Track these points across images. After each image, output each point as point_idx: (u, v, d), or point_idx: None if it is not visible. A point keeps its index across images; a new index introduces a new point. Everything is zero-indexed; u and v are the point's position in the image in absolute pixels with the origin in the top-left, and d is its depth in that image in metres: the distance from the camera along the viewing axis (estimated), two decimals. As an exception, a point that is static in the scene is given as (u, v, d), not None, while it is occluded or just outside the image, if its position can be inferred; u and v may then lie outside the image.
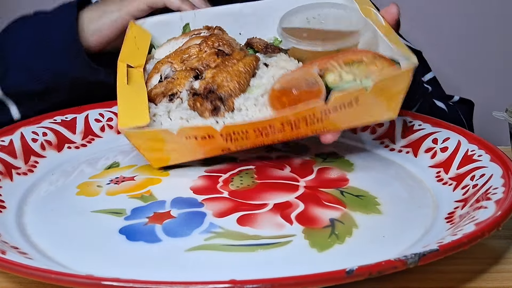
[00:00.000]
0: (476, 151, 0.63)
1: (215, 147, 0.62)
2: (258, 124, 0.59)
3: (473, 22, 1.34)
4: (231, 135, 0.60)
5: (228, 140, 0.60)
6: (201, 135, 0.60)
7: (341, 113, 0.60)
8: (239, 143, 0.61)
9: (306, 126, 0.60)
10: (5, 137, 0.67)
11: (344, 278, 0.41)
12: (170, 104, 0.64)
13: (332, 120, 0.61)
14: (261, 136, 0.60)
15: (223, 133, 0.59)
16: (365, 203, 0.59)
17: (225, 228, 0.53)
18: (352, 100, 0.58)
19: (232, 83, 0.62)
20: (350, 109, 0.59)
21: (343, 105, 0.59)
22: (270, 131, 0.60)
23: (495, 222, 0.48)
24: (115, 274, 0.42)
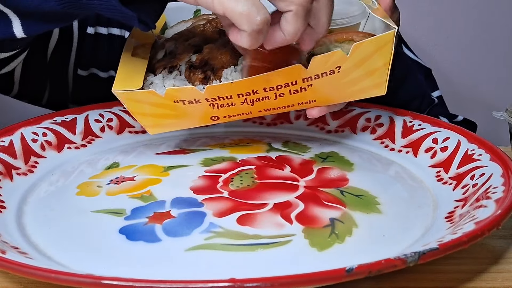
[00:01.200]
0: (476, 151, 0.63)
1: (204, 114, 0.62)
2: (241, 85, 0.59)
3: (473, 22, 1.34)
4: (217, 100, 0.60)
5: (215, 106, 0.61)
6: (188, 98, 0.60)
7: (324, 82, 0.59)
8: (226, 111, 0.62)
9: (290, 96, 0.60)
10: (5, 138, 0.67)
11: (343, 277, 0.41)
12: (168, 75, 0.66)
13: (316, 90, 0.60)
14: (246, 103, 0.60)
15: (208, 97, 0.60)
16: (365, 203, 0.59)
17: (225, 228, 0.53)
18: (333, 67, 0.58)
19: (225, 57, 0.64)
20: (333, 78, 0.59)
21: (324, 73, 0.58)
22: (254, 98, 0.60)
23: (495, 221, 0.48)
24: (115, 274, 0.42)
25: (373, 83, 0.61)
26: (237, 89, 0.59)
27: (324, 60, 0.58)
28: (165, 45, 0.71)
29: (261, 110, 0.63)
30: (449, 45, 1.34)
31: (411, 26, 1.32)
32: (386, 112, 0.76)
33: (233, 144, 0.75)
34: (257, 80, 0.59)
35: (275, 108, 0.63)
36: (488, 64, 1.36)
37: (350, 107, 0.78)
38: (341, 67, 0.58)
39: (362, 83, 0.61)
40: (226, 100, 0.60)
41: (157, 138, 0.77)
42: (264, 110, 0.63)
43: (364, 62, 0.59)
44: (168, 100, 0.61)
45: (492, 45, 1.35)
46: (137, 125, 0.78)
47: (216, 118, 0.64)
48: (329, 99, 0.63)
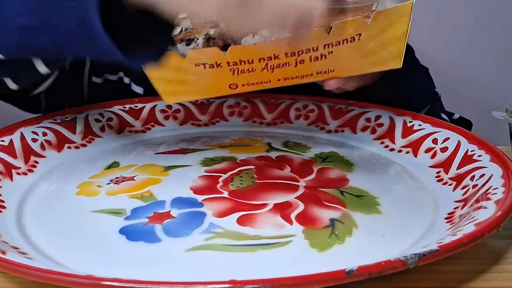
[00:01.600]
0: (476, 151, 0.63)
1: (223, 81, 0.62)
2: (263, 49, 0.59)
3: (473, 22, 1.34)
4: (238, 65, 0.60)
5: (235, 72, 0.61)
6: (209, 62, 0.60)
7: (344, 50, 0.60)
8: (245, 77, 0.62)
9: (310, 63, 0.61)
10: (5, 137, 0.67)
11: (344, 278, 0.41)
12: (186, 47, 0.67)
13: (336, 58, 0.61)
14: (266, 69, 0.61)
15: (230, 60, 0.60)
16: (365, 203, 0.59)
17: (225, 228, 0.53)
18: (354, 34, 0.59)
19: None
20: (353, 45, 0.60)
21: (345, 40, 0.60)
22: (275, 64, 0.60)
23: (495, 222, 0.48)
24: (115, 274, 0.42)
25: (390, 55, 0.63)
26: (260, 52, 0.60)
27: (346, 26, 0.59)
28: (181, 22, 0.70)
29: (280, 78, 0.63)
30: (449, 45, 1.34)
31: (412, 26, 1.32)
32: (386, 112, 0.76)
33: (233, 144, 0.75)
34: (280, 44, 0.59)
35: (293, 77, 0.63)
36: (488, 64, 1.36)
37: (350, 107, 0.78)
38: (361, 35, 0.60)
39: (379, 54, 0.62)
40: (247, 64, 0.60)
41: (157, 137, 0.77)
42: (284, 78, 0.63)
43: (383, 31, 0.60)
44: (189, 63, 0.60)
45: (492, 45, 1.35)
46: (137, 125, 0.78)
47: (235, 87, 0.63)
48: (348, 69, 0.64)
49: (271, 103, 0.82)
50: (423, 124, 0.72)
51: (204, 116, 0.81)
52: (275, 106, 0.82)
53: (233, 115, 0.82)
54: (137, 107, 0.80)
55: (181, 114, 0.80)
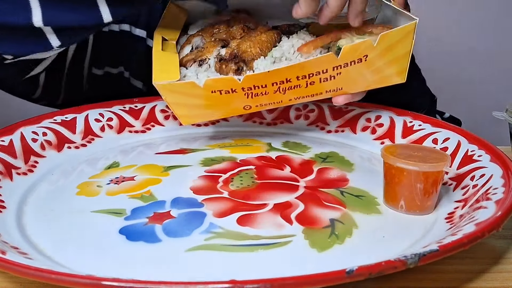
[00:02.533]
0: (476, 151, 0.63)
1: (238, 103, 0.66)
2: (276, 74, 0.63)
3: (473, 22, 1.34)
4: (252, 89, 0.64)
5: (249, 95, 0.64)
6: (225, 88, 0.64)
7: (352, 70, 0.64)
8: (259, 100, 0.65)
9: (320, 84, 0.65)
10: (5, 137, 0.67)
11: (344, 278, 0.41)
12: (199, 68, 0.70)
13: (344, 78, 0.65)
14: (279, 91, 0.65)
15: (244, 86, 0.63)
16: (365, 203, 0.59)
17: (225, 228, 0.53)
18: (362, 56, 0.63)
19: (255, 49, 0.68)
20: (360, 65, 0.64)
21: (353, 61, 0.63)
22: (287, 86, 0.64)
23: (495, 223, 0.48)
24: (115, 274, 0.42)
25: (395, 71, 0.66)
26: (273, 77, 0.63)
27: (354, 48, 0.62)
28: (191, 41, 0.74)
29: (292, 98, 0.67)
30: (449, 45, 1.34)
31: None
32: (386, 112, 0.76)
33: (233, 144, 0.75)
34: (292, 69, 0.63)
35: (304, 96, 0.67)
36: (488, 64, 1.36)
37: (350, 107, 0.78)
38: (368, 56, 0.63)
39: (385, 72, 0.66)
40: (260, 89, 0.64)
41: (157, 137, 0.77)
42: (294, 98, 0.67)
43: (388, 51, 0.64)
44: (206, 90, 0.64)
45: (492, 45, 1.35)
46: (137, 125, 0.78)
47: (249, 107, 0.67)
48: (354, 87, 0.67)
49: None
50: (423, 124, 0.72)
51: (204, 116, 0.81)
52: (275, 106, 0.81)
53: (233, 115, 0.81)
54: (137, 107, 0.79)
55: (181, 114, 0.80)
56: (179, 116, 0.68)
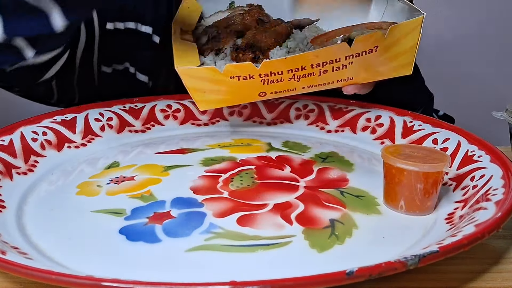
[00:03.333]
0: (476, 152, 0.63)
1: (254, 90, 0.69)
2: (293, 61, 0.66)
3: (473, 22, 1.34)
4: (268, 76, 0.67)
5: (265, 82, 0.67)
6: (243, 74, 0.66)
7: (363, 60, 0.67)
8: (274, 87, 0.68)
9: (332, 72, 0.68)
10: (5, 137, 0.67)
11: (344, 280, 0.41)
12: (216, 56, 0.74)
13: (355, 68, 0.68)
14: (293, 79, 0.68)
15: (262, 72, 0.66)
16: (365, 204, 0.59)
17: (225, 229, 0.53)
18: (372, 46, 0.66)
19: (270, 40, 0.73)
20: (370, 56, 0.67)
21: (364, 51, 0.66)
22: (301, 74, 0.67)
23: (495, 223, 0.48)
24: (115, 274, 0.42)
25: (402, 63, 0.69)
26: (289, 64, 0.66)
27: (366, 39, 0.65)
28: (208, 31, 0.78)
29: (305, 86, 0.69)
30: (449, 45, 1.34)
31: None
32: (386, 112, 0.76)
33: (233, 143, 0.75)
34: (307, 56, 0.66)
35: (317, 84, 0.69)
36: (488, 64, 1.36)
37: (350, 107, 0.78)
38: (379, 47, 0.66)
39: (393, 63, 0.69)
40: (276, 76, 0.67)
41: (157, 137, 0.77)
42: (308, 86, 0.70)
43: (397, 43, 0.67)
44: (225, 76, 0.67)
45: (492, 44, 1.35)
46: (137, 124, 0.78)
47: (264, 94, 0.70)
48: (364, 77, 0.70)
49: (271, 103, 0.82)
50: (423, 124, 0.72)
51: (204, 115, 0.81)
52: (275, 106, 0.81)
53: (233, 114, 0.81)
54: (137, 106, 0.79)
55: (181, 113, 0.80)
56: (197, 101, 0.70)
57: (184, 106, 0.81)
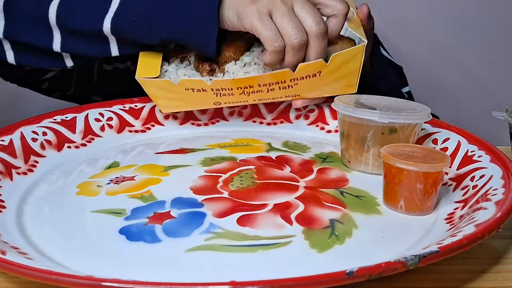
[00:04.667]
0: (476, 152, 0.63)
1: (209, 100, 0.73)
2: (240, 82, 0.71)
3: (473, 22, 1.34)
4: (220, 91, 0.72)
5: (218, 95, 0.72)
6: (197, 88, 0.71)
7: (308, 82, 0.71)
8: (226, 98, 0.73)
9: (279, 90, 0.73)
10: (5, 137, 0.67)
11: (344, 280, 0.41)
12: (180, 64, 0.76)
13: (301, 88, 0.72)
14: (243, 94, 0.73)
15: (213, 87, 0.71)
16: (365, 204, 0.59)
17: (225, 229, 0.53)
18: (315, 72, 0.70)
19: (228, 53, 0.74)
20: (315, 79, 0.71)
21: (308, 76, 0.70)
22: (250, 91, 0.72)
23: (495, 224, 0.48)
24: (115, 275, 0.42)
25: (347, 84, 0.73)
26: (237, 84, 0.71)
27: (308, 67, 0.69)
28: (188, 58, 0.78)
29: (255, 99, 0.74)
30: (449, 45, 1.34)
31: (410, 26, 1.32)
32: (386, 112, 0.76)
33: (233, 143, 0.75)
34: (253, 79, 0.71)
35: (266, 99, 0.74)
36: (488, 64, 1.36)
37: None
38: (322, 72, 0.70)
39: (337, 84, 0.73)
40: (227, 91, 0.72)
41: (157, 137, 0.77)
42: (258, 99, 0.74)
43: (340, 67, 0.71)
44: (180, 87, 0.71)
45: (492, 45, 1.35)
46: (137, 124, 0.78)
47: (218, 104, 0.74)
48: (311, 94, 0.74)
49: (271, 103, 0.82)
50: (424, 125, 0.71)
51: (204, 115, 0.81)
52: (275, 106, 0.81)
53: (233, 114, 0.82)
54: (137, 106, 0.79)
55: (181, 113, 0.80)
56: (159, 105, 0.76)
57: (184, 106, 0.81)
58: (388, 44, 1.00)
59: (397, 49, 1.13)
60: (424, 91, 1.00)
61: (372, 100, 0.69)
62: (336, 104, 0.66)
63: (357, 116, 0.64)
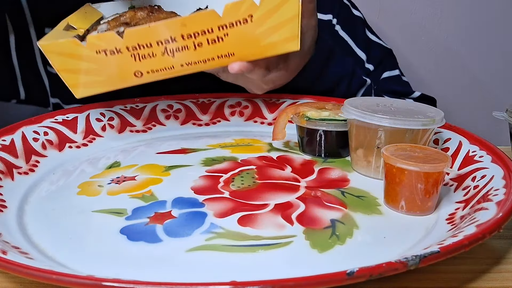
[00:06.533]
0: (478, 152, 0.63)
1: (127, 69, 0.64)
2: (158, 30, 0.62)
3: (472, 22, 1.34)
4: (137, 49, 0.63)
5: (136, 57, 0.63)
6: (109, 48, 0.62)
7: (239, 32, 0.63)
8: (148, 64, 0.64)
9: (208, 46, 0.64)
10: (6, 137, 0.67)
11: (344, 280, 0.41)
12: None
13: (233, 42, 0.64)
14: (167, 54, 0.63)
15: (128, 45, 0.62)
16: (366, 204, 0.59)
17: (226, 229, 0.53)
18: (246, 15, 0.62)
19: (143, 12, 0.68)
20: (246, 27, 0.63)
21: (238, 21, 0.62)
22: (174, 47, 0.63)
23: (496, 224, 0.48)
24: (116, 275, 0.42)
25: (286, 36, 0.64)
26: (156, 34, 0.62)
27: (236, 7, 0.62)
28: (97, 28, 0.71)
29: (183, 63, 0.65)
30: (448, 45, 1.34)
31: (411, 27, 1.32)
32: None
33: (234, 143, 0.75)
34: (174, 24, 0.62)
35: (196, 61, 0.65)
36: (488, 64, 1.36)
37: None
38: (253, 16, 0.62)
39: (274, 36, 0.64)
40: (146, 49, 0.63)
41: (158, 137, 0.77)
42: (186, 64, 0.65)
43: (274, 12, 0.63)
44: (89, 50, 0.62)
45: (493, 45, 1.35)
46: (138, 124, 0.78)
47: (140, 74, 0.65)
48: (247, 53, 0.65)
49: (272, 103, 0.82)
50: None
51: (205, 115, 0.81)
52: (276, 106, 0.81)
53: (234, 114, 0.82)
54: (138, 106, 0.80)
55: (182, 113, 0.80)
56: (71, 86, 0.66)
57: (185, 106, 0.81)
58: (389, 43, 1.00)
59: (397, 49, 1.13)
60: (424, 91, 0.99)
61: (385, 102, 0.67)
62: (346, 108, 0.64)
63: (366, 121, 0.62)
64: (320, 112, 0.69)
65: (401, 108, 0.65)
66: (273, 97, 0.82)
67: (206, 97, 0.83)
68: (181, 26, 0.62)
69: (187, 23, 0.62)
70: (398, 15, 1.30)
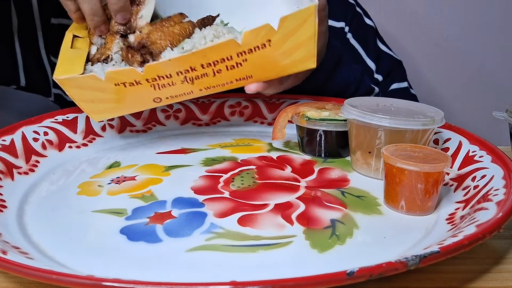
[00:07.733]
0: (478, 152, 0.63)
1: (146, 96, 0.64)
2: (178, 63, 0.61)
3: (473, 22, 1.34)
4: (157, 80, 0.62)
5: (156, 87, 0.63)
6: (129, 80, 0.62)
7: (258, 56, 0.62)
8: (167, 91, 0.64)
9: (227, 71, 0.63)
10: (6, 137, 0.67)
11: (344, 280, 0.41)
12: (105, 64, 0.66)
13: (251, 65, 0.63)
14: (186, 81, 0.63)
15: (148, 77, 0.62)
16: (366, 204, 0.59)
17: (226, 229, 0.53)
18: (264, 41, 0.61)
19: (165, 42, 0.65)
20: (265, 51, 0.62)
21: (257, 47, 0.62)
22: (193, 76, 0.62)
23: (496, 224, 0.48)
24: (116, 274, 0.42)
25: (303, 55, 0.64)
26: (176, 66, 0.61)
27: (255, 33, 0.61)
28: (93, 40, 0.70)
29: (202, 88, 0.65)
30: (449, 45, 1.34)
31: (411, 27, 1.32)
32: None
33: (234, 143, 0.75)
34: (194, 56, 0.61)
35: (215, 86, 0.65)
36: (488, 64, 1.36)
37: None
38: (271, 40, 0.62)
39: (292, 56, 0.64)
40: (166, 79, 0.62)
41: (158, 137, 0.77)
42: (205, 88, 0.65)
43: (291, 35, 0.62)
44: (109, 83, 0.62)
45: (493, 45, 1.35)
46: (138, 124, 0.78)
47: (159, 100, 0.65)
48: (265, 74, 0.65)
49: (272, 103, 0.82)
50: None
51: (205, 115, 0.81)
52: (276, 106, 0.81)
53: (234, 114, 0.82)
54: (138, 106, 0.79)
55: (182, 113, 0.80)
56: (89, 113, 0.66)
57: (185, 106, 0.81)
58: (389, 43, 1.00)
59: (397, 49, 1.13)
60: (425, 91, 1.00)
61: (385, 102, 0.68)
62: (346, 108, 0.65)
63: (366, 121, 0.62)
64: (320, 112, 0.69)
65: (401, 108, 0.65)
66: (273, 97, 0.82)
67: (206, 97, 0.83)
68: (202, 57, 0.62)
69: (207, 53, 0.61)
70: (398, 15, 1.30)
